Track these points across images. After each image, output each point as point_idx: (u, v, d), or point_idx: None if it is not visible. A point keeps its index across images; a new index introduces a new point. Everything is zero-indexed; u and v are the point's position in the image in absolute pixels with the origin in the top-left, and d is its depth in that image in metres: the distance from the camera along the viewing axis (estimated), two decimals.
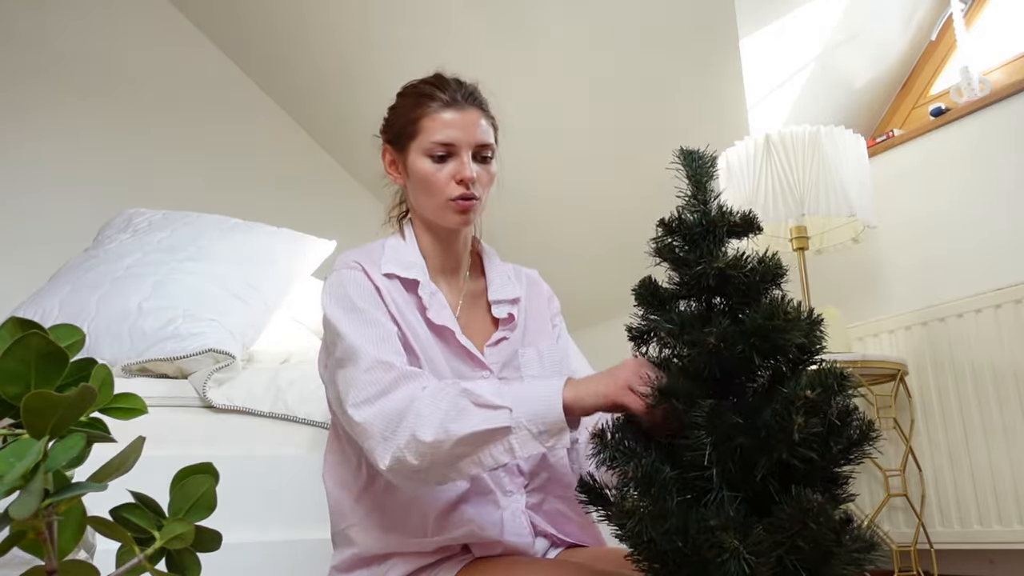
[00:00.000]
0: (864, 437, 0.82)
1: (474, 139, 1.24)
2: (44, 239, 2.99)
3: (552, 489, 1.27)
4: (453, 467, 1.05)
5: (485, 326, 1.31)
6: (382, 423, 1.07)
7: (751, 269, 0.87)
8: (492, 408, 1.02)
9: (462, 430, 1.01)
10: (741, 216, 0.92)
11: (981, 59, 2.52)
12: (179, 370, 1.86)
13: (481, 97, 1.30)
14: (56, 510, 0.51)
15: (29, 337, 0.52)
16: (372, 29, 3.17)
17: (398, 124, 1.29)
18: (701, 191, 0.93)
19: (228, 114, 3.63)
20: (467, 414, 1.02)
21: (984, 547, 2.20)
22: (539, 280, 1.43)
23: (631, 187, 2.97)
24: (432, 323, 1.23)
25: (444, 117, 1.24)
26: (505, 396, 1.03)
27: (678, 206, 0.94)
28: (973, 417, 2.24)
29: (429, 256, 1.30)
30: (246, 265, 2.13)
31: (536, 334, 1.34)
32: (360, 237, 3.37)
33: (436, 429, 1.02)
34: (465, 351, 1.24)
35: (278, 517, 1.64)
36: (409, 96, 1.29)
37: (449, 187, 1.23)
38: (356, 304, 1.19)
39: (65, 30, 3.34)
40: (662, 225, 0.94)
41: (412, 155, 1.26)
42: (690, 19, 2.50)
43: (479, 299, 1.33)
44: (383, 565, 1.20)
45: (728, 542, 0.74)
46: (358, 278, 1.22)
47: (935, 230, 2.46)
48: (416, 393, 1.07)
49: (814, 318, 0.86)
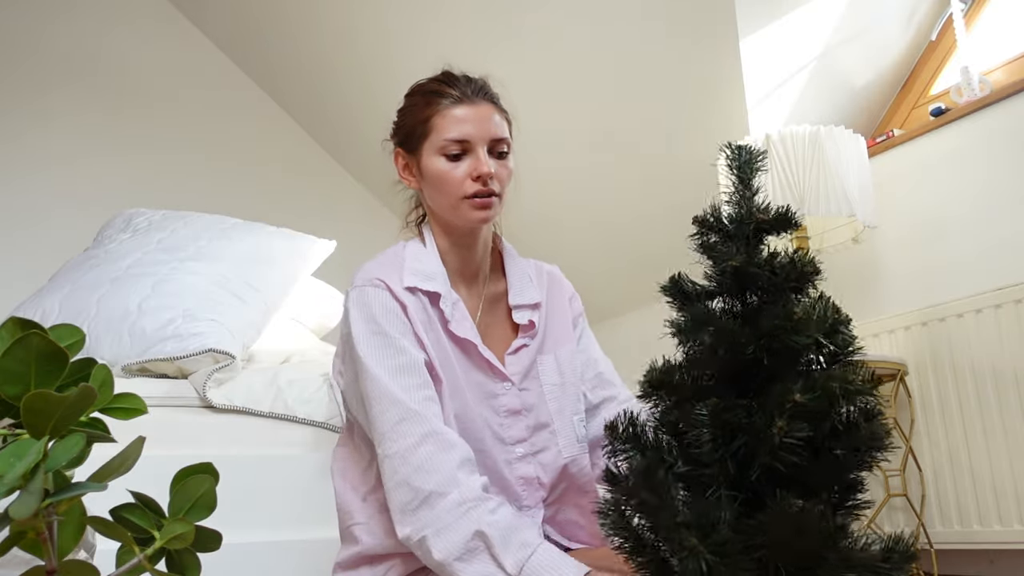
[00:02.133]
0: (871, 446, 0.81)
1: (488, 134, 1.22)
2: (44, 239, 2.99)
3: (569, 498, 1.27)
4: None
5: (505, 332, 1.29)
6: (407, 495, 1.08)
7: (777, 268, 0.86)
8: (500, 570, 1.01)
9: (464, 573, 1.02)
10: (775, 212, 0.90)
11: (981, 59, 2.52)
12: (179, 370, 1.86)
13: (492, 91, 1.27)
14: (56, 510, 0.52)
15: (29, 337, 0.52)
16: (373, 29, 3.17)
17: (408, 126, 1.26)
18: (746, 187, 0.91)
19: (228, 114, 3.63)
20: (475, 560, 1.03)
21: (984, 547, 2.20)
22: (561, 278, 1.40)
23: (631, 187, 2.97)
24: (454, 335, 1.22)
25: (456, 113, 1.21)
26: (519, 562, 1.01)
27: (715, 202, 0.93)
28: (973, 417, 2.24)
29: (449, 260, 1.27)
30: (246, 265, 2.13)
31: (557, 338, 1.32)
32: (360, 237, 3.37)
33: (445, 555, 1.03)
34: (487, 363, 1.23)
35: (278, 517, 1.64)
36: (417, 96, 1.26)
37: (465, 184, 1.20)
38: (382, 328, 1.16)
39: (65, 30, 3.33)
40: (696, 222, 0.93)
41: (425, 156, 1.23)
42: (690, 19, 2.50)
43: (500, 302, 1.31)
44: (384, 564, 1.20)
45: (687, 540, 0.74)
46: (383, 299, 1.18)
47: (935, 230, 2.46)
48: (446, 483, 1.07)
49: (837, 319, 0.84)
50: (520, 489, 1.23)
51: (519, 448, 1.24)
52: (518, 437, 1.24)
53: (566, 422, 1.27)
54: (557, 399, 1.27)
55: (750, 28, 2.45)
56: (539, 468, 1.24)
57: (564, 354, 1.31)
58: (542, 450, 1.25)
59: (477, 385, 1.22)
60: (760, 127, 2.58)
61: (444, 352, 1.21)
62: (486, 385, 1.23)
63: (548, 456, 1.25)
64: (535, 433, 1.25)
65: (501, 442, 1.23)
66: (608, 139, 2.93)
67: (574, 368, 1.31)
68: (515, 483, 1.23)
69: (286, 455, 1.71)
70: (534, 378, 1.27)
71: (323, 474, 1.62)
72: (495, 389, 1.23)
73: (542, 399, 1.26)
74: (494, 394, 1.24)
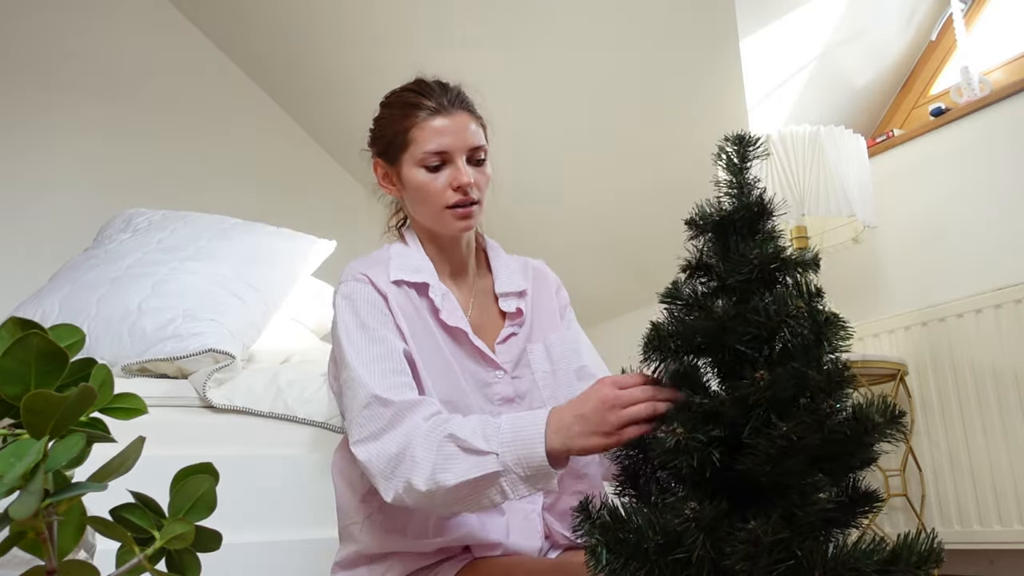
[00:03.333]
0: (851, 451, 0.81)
1: (466, 143, 1.23)
2: (44, 239, 2.99)
3: (567, 485, 1.27)
4: (452, 508, 1.07)
5: (495, 323, 1.31)
6: (382, 463, 1.08)
7: (752, 266, 0.86)
8: (480, 454, 1.02)
9: (453, 479, 1.02)
10: (755, 204, 0.89)
11: (981, 59, 2.52)
12: (179, 370, 1.86)
13: (468, 99, 1.29)
14: (56, 510, 0.51)
15: (29, 337, 0.52)
16: (373, 28, 3.17)
17: (387, 137, 1.27)
18: (737, 177, 0.91)
19: (228, 114, 3.63)
20: (455, 461, 1.03)
21: (984, 547, 2.20)
22: (546, 271, 1.42)
23: (631, 187, 2.97)
24: (445, 324, 1.24)
25: (434, 125, 1.23)
26: (492, 440, 1.02)
27: (710, 197, 0.93)
28: (973, 417, 2.24)
29: (435, 260, 1.30)
30: (246, 265, 2.13)
31: (545, 327, 1.34)
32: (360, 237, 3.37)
33: (428, 479, 1.03)
34: (478, 352, 1.25)
35: (278, 517, 1.64)
36: (394, 107, 1.27)
37: (446, 194, 1.23)
38: (363, 321, 1.19)
39: (65, 30, 3.33)
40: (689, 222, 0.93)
41: (405, 167, 1.25)
42: (690, 19, 2.50)
43: (489, 296, 1.33)
44: (383, 564, 1.21)
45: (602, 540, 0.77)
46: (365, 292, 1.22)
47: (935, 230, 2.46)
48: (412, 432, 1.08)
49: (815, 319, 0.83)
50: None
51: None
52: None
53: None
54: (550, 386, 1.29)
55: (750, 28, 2.45)
56: None
57: (553, 341, 1.33)
58: None
59: (470, 374, 1.24)
60: (760, 127, 2.58)
61: (435, 342, 1.22)
62: (479, 374, 1.25)
63: None
64: None
65: None
66: (608, 139, 2.93)
67: (564, 355, 1.32)
68: None
69: (286, 455, 1.71)
70: (526, 366, 1.29)
71: (323, 474, 1.62)
72: (488, 378, 1.25)
73: (535, 386, 1.28)
74: (487, 383, 1.25)
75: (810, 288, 0.85)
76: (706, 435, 0.79)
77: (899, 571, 0.76)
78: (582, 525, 0.85)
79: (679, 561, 0.76)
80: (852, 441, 0.79)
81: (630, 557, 0.78)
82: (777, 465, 0.77)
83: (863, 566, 0.75)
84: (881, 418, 0.79)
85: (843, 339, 0.83)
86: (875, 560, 0.76)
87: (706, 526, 0.75)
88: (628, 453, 0.95)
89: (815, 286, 0.86)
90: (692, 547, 0.75)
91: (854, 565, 0.75)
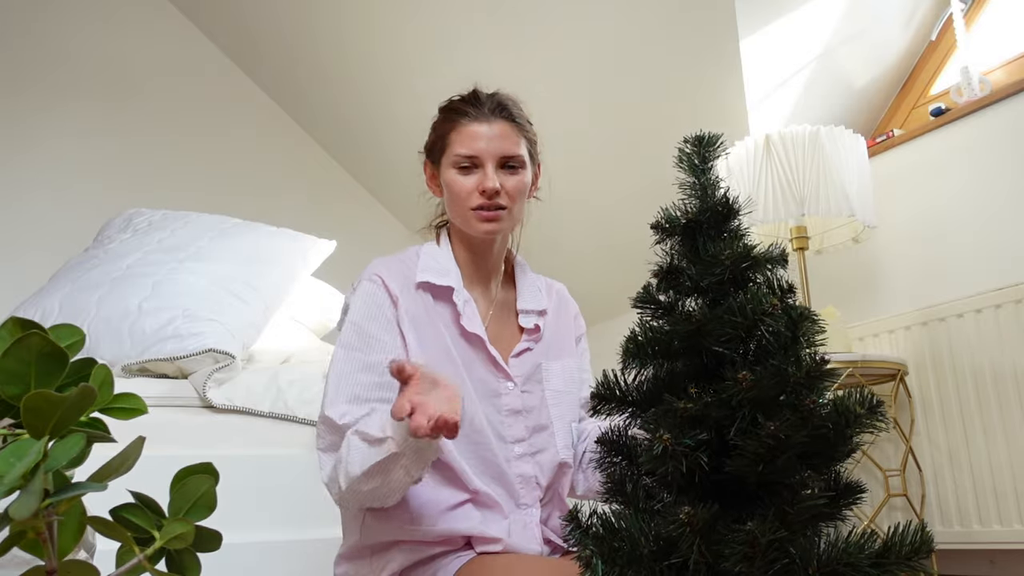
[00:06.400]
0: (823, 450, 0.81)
1: (498, 151, 1.29)
2: (44, 239, 3.00)
3: (558, 504, 1.32)
4: (381, 492, 1.13)
5: (512, 336, 1.36)
6: (327, 473, 1.20)
7: (722, 269, 0.86)
8: (378, 442, 1.09)
9: (359, 468, 1.09)
10: (720, 204, 0.89)
11: (981, 59, 2.52)
12: (179, 370, 1.86)
13: (513, 110, 1.34)
14: (56, 510, 0.51)
15: (29, 337, 0.52)
16: (373, 29, 3.17)
17: (433, 139, 1.35)
18: (700, 178, 0.92)
19: (228, 114, 3.63)
20: (359, 452, 1.10)
21: (984, 547, 2.20)
22: (568, 297, 1.48)
23: (631, 187, 2.97)
24: (464, 330, 1.28)
25: (470, 130, 1.29)
26: (387, 428, 1.09)
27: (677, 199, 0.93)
28: (973, 417, 2.24)
29: (463, 265, 1.35)
30: (246, 265, 2.13)
31: (560, 349, 1.39)
32: (360, 237, 3.36)
33: (344, 475, 1.12)
34: (492, 360, 1.29)
35: (278, 517, 1.64)
36: (444, 112, 1.36)
37: (472, 197, 1.28)
38: (363, 325, 1.25)
39: (65, 30, 3.34)
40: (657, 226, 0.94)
41: (443, 168, 1.32)
42: (690, 19, 2.50)
43: (508, 310, 1.38)
44: (385, 555, 1.22)
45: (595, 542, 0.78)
46: (375, 294, 1.27)
47: (935, 230, 2.46)
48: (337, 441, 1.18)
49: (791, 316, 0.83)
50: (519, 487, 1.27)
51: (518, 447, 1.29)
52: (517, 436, 1.29)
53: (564, 427, 1.33)
54: (559, 405, 1.34)
55: (750, 28, 2.45)
56: (537, 468, 1.29)
57: (569, 365, 1.38)
58: (541, 451, 1.30)
59: (481, 382, 1.28)
60: (760, 127, 2.58)
61: (445, 349, 1.26)
62: (490, 383, 1.29)
63: (546, 457, 1.30)
64: (534, 434, 1.30)
65: (501, 439, 1.28)
66: (607, 140, 2.93)
67: (574, 381, 1.38)
68: (515, 480, 1.27)
69: (286, 455, 1.71)
70: (537, 382, 1.33)
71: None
72: (498, 388, 1.29)
73: (543, 402, 1.32)
74: (497, 393, 1.29)
75: (782, 284, 0.86)
76: (693, 439, 0.79)
77: (891, 563, 0.76)
78: (573, 534, 0.85)
79: (674, 567, 0.76)
80: (835, 434, 0.80)
81: (625, 566, 0.79)
82: (767, 465, 0.77)
83: (856, 560, 0.75)
84: (862, 409, 0.79)
85: (818, 333, 0.83)
86: (867, 553, 0.76)
87: (701, 530, 0.75)
88: (613, 460, 0.96)
89: (786, 282, 0.87)
90: (688, 552, 0.75)
91: (847, 560, 0.75)
